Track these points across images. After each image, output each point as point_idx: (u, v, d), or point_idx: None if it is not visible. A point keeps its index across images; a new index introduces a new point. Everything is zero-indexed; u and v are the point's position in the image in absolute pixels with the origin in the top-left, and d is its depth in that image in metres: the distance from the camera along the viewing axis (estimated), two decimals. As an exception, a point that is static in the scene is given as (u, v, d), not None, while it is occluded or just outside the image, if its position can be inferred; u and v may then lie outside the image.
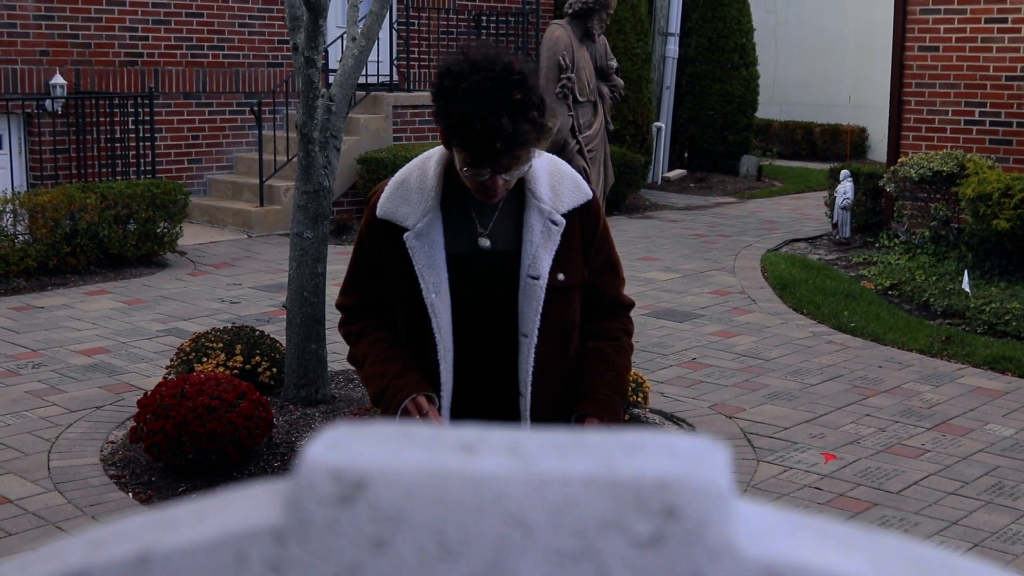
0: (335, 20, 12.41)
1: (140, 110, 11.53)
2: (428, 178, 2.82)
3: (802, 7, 19.62)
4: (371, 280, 2.94)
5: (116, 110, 11.48)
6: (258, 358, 6.25)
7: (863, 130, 18.77)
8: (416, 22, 13.32)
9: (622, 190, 12.95)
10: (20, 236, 9.28)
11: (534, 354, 2.82)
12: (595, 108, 8.85)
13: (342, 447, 0.66)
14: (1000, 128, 10.31)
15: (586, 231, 2.89)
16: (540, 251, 2.80)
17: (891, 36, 11.03)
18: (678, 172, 15.84)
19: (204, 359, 6.12)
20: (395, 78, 13.03)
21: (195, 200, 11.79)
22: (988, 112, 10.36)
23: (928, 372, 7.10)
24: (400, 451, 0.66)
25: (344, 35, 6.49)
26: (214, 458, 5.14)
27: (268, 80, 12.73)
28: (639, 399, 5.91)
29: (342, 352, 7.27)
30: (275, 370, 6.28)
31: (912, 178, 10.02)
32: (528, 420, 2.84)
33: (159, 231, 9.88)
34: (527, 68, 2.66)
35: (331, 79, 6.44)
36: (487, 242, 2.84)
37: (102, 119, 11.40)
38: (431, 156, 2.85)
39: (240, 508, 0.66)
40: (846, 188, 11.12)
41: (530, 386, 2.83)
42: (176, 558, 0.64)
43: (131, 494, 5.09)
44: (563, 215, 2.82)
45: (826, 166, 14.98)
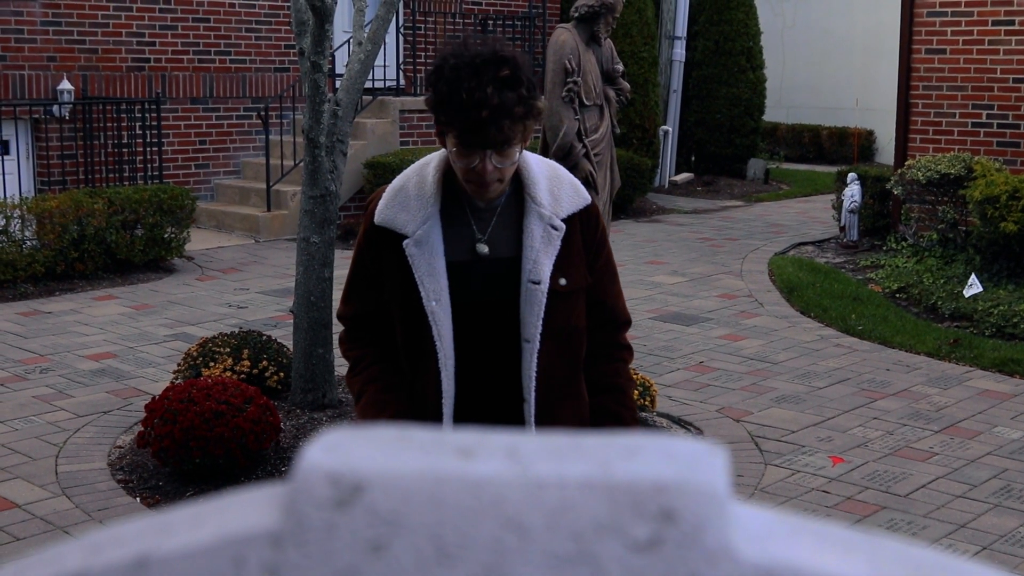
0: (341, 25, 12.43)
1: (147, 115, 11.55)
2: (427, 184, 2.80)
3: (809, 10, 19.61)
4: (370, 289, 2.92)
5: (123, 115, 11.51)
6: (265, 363, 6.26)
7: (870, 133, 18.75)
8: (422, 26, 13.34)
9: (629, 194, 12.93)
10: (28, 241, 9.30)
11: (537, 359, 2.80)
12: (601, 112, 8.84)
13: (339, 451, 0.66)
14: (1008, 130, 10.30)
15: (586, 236, 2.87)
16: (541, 256, 2.78)
17: (898, 39, 11.02)
18: (685, 176, 15.84)
19: (211, 364, 6.13)
20: (402, 82, 13.05)
21: (202, 205, 11.81)
22: (995, 114, 10.35)
23: (936, 375, 7.09)
24: (397, 455, 0.66)
25: (350, 39, 6.49)
26: (221, 463, 5.14)
27: (275, 85, 12.76)
28: (646, 403, 5.91)
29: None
30: (282, 375, 6.29)
31: (919, 181, 10.00)
32: (533, 426, 2.84)
33: (166, 236, 9.90)
34: (519, 56, 2.65)
35: (337, 84, 6.45)
36: (485, 248, 2.82)
37: (109, 124, 11.42)
38: (429, 162, 2.83)
39: (237, 512, 0.66)
40: (853, 191, 11.10)
41: (534, 392, 2.82)
42: (174, 562, 0.64)
43: (139, 499, 5.09)
44: (563, 220, 2.81)
45: (833, 169, 14.98)
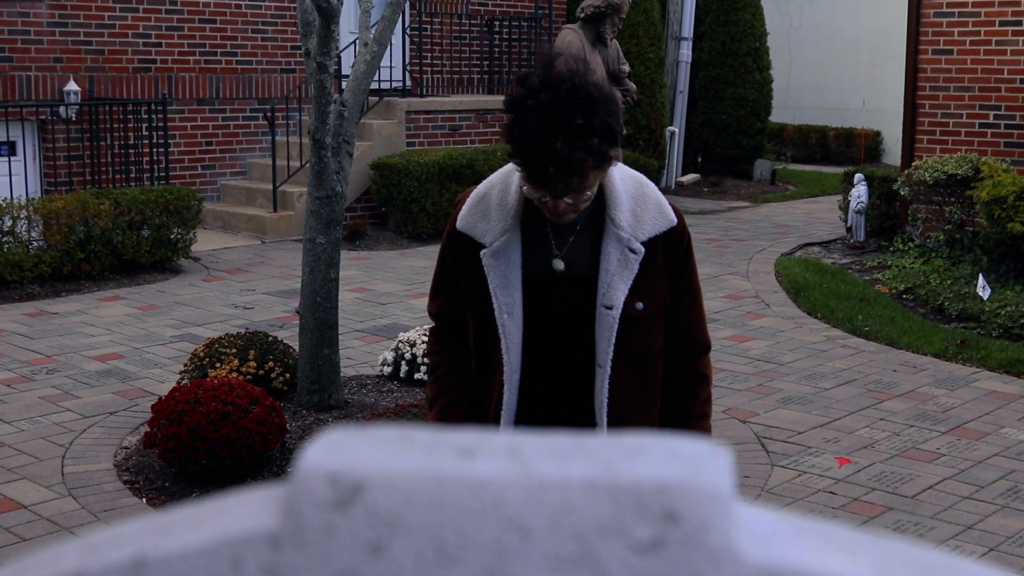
0: (348, 26, 12.43)
1: (154, 116, 11.56)
2: (509, 194, 2.73)
3: (816, 11, 19.58)
4: (452, 288, 2.88)
5: (130, 116, 11.52)
6: (271, 363, 6.26)
7: (877, 134, 18.72)
8: (429, 27, 13.33)
9: (635, 194, 12.91)
10: (34, 242, 9.32)
11: (608, 384, 2.72)
12: (608, 112, 8.82)
13: (339, 451, 0.65)
14: (1015, 131, 10.27)
15: (669, 258, 2.78)
16: (616, 280, 2.69)
17: (905, 40, 11.00)
18: (692, 176, 15.82)
19: (218, 365, 6.13)
20: (408, 83, 13.05)
21: (209, 206, 11.81)
22: (1003, 115, 10.33)
23: (943, 376, 7.07)
24: (398, 455, 0.65)
25: (357, 40, 6.49)
26: (227, 463, 5.14)
27: (281, 86, 12.76)
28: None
29: (355, 358, 7.31)
30: (288, 375, 6.29)
31: (926, 181, 9.98)
32: None
33: (173, 237, 9.91)
34: (599, 92, 2.51)
35: (344, 85, 6.44)
36: (561, 264, 2.74)
37: (116, 125, 11.43)
38: (515, 170, 2.72)
39: (236, 513, 0.66)
40: (860, 192, 11.08)
41: (606, 417, 2.74)
42: (172, 563, 0.64)
43: (145, 500, 5.09)
44: (643, 242, 2.72)
45: (840, 170, 14.96)
